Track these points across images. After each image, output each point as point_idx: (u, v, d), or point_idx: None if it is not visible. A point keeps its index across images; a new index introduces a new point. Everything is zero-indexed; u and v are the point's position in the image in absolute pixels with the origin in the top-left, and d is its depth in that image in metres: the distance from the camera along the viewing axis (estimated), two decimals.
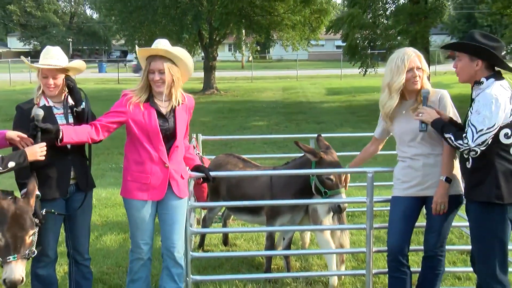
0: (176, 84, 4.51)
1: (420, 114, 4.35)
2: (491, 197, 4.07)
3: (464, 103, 4.64)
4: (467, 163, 4.18)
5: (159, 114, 4.50)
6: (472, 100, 4.22)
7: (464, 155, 4.19)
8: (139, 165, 4.50)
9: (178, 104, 4.58)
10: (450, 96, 4.63)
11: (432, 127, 4.26)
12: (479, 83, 4.16)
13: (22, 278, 3.90)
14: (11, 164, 3.99)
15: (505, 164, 4.08)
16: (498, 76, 4.17)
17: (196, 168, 4.93)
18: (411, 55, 4.58)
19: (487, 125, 3.96)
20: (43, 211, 4.23)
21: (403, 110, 4.65)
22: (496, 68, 4.20)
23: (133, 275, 4.68)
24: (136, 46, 4.59)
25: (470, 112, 4.13)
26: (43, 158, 4.14)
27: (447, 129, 4.11)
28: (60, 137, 4.18)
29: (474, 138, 3.95)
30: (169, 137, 4.52)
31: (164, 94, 4.51)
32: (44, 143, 4.15)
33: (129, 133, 4.55)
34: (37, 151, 4.09)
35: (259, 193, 5.74)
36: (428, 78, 4.73)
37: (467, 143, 3.97)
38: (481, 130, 3.95)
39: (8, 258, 3.86)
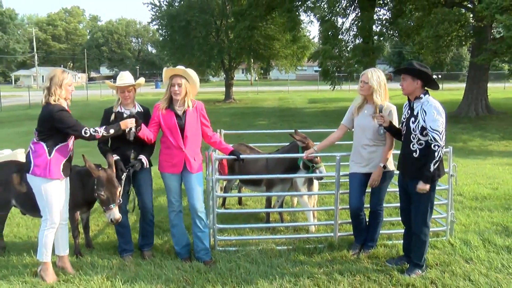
0: (188, 94, 4.58)
1: (382, 121, 4.39)
2: (434, 176, 4.12)
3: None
4: (414, 153, 4.15)
5: (176, 115, 4.57)
6: (412, 109, 4.22)
7: (412, 147, 4.17)
8: (166, 150, 4.64)
9: (189, 107, 4.60)
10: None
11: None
12: (419, 98, 4.18)
13: (120, 216, 4.35)
14: (111, 131, 4.30)
15: (442, 153, 4.12)
16: (429, 93, 4.23)
17: (231, 153, 4.97)
18: (365, 72, 4.63)
19: (443, 127, 4.04)
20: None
21: (365, 110, 4.65)
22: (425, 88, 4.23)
23: (172, 222, 4.78)
24: (165, 68, 4.64)
25: (421, 119, 4.09)
26: (133, 125, 4.43)
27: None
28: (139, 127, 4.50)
29: (441, 139, 4.00)
30: (183, 130, 4.56)
31: (178, 101, 4.58)
32: (133, 119, 4.43)
33: (161, 130, 4.67)
34: (127, 123, 4.40)
35: (259, 171, 5.69)
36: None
37: (438, 145, 3.99)
38: (442, 132, 4.02)
39: (110, 206, 4.31)
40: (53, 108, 4.05)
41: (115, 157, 4.61)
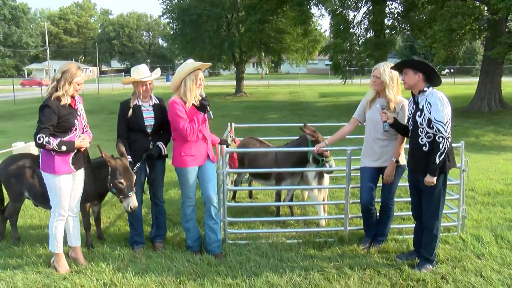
0: None
1: (386, 118, 4.36)
2: (444, 168, 4.08)
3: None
4: (424, 147, 4.09)
5: (196, 107, 4.50)
6: (417, 103, 4.16)
7: (420, 141, 4.10)
8: (191, 144, 4.51)
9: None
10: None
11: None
12: (423, 91, 4.11)
13: (137, 204, 4.41)
14: (64, 147, 4.08)
15: (449, 144, 4.05)
16: (433, 86, 4.15)
17: (220, 142, 5.00)
18: (378, 67, 4.58)
19: (448, 118, 3.97)
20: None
21: (377, 104, 4.60)
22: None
23: (187, 217, 4.70)
24: (193, 61, 4.58)
25: (427, 111, 4.03)
26: (86, 145, 4.29)
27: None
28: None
29: (445, 130, 3.94)
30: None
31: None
32: (87, 139, 4.29)
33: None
34: (80, 143, 4.20)
35: (268, 164, 5.69)
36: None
37: (443, 136, 3.92)
38: (446, 123, 3.95)
39: (129, 193, 4.33)
40: (42, 102, 4.08)
41: (129, 158, 4.57)
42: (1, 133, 17.83)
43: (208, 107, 4.46)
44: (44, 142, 3.97)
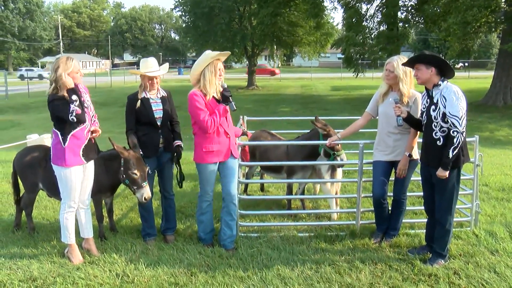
0: None
1: (399, 112, 4.33)
2: (458, 162, 4.05)
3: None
4: (438, 141, 4.04)
5: (217, 100, 4.44)
6: (431, 97, 4.11)
7: (434, 135, 4.06)
8: (214, 139, 4.42)
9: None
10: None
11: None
12: (437, 85, 4.06)
13: (150, 194, 4.49)
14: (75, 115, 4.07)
15: (463, 139, 4.00)
16: (447, 79, 4.10)
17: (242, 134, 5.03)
18: (391, 61, 4.53)
19: (463, 112, 3.92)
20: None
21: (390, 97, 4.57)
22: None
23: (202, 211, 4.67)
24: (211, 51, 4.46)
25: (442, 106, 3.98)
26: (96, 134, 4.32)
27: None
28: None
29: (460, 124, 3.90)
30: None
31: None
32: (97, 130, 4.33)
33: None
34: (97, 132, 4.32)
35: (279, 157, 5.67)
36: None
37: (457, 131, 3.89)
38: (461, 117, 3.90)
39: (142, 184, 4.40)
40: (48, 99, 4.06)
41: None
42: (16, 125, 18.08)
43: (230, 98, 4.39)
44: (75, 117, 3.98)
